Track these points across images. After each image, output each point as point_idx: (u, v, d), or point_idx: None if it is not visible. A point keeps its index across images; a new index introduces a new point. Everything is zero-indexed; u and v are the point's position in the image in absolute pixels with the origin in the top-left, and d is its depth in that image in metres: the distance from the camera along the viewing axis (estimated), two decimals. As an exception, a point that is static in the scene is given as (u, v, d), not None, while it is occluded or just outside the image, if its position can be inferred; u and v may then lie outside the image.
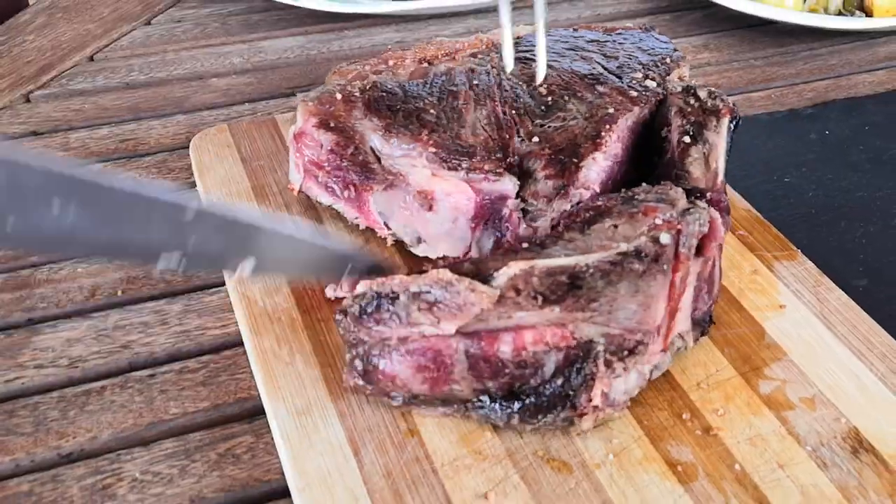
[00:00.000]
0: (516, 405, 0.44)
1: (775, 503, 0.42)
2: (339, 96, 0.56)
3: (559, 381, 0.43)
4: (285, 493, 0.45)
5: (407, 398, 0.46)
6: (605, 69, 0.55)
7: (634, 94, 0.55)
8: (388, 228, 0.55)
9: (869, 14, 0.92)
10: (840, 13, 0.92)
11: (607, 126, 0.53)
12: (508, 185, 0.51)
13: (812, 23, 0.88)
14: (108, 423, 0.50)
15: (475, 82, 0.56)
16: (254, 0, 0.99)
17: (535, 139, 0.52)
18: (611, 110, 0.54)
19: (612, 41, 0.59)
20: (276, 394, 0.47)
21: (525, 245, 0.45)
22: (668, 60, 0.58)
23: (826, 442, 0.45)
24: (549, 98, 0.55)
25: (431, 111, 0.54)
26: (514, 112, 0.54)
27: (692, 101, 0.53)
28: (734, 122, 0.53)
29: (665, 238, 0.43)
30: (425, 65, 0.59)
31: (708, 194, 0.48)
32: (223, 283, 0.58)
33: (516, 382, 0.44)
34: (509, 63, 0.54)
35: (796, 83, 0.84)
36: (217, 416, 0.51)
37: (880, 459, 0.44)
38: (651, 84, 0.55)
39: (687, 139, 0.50)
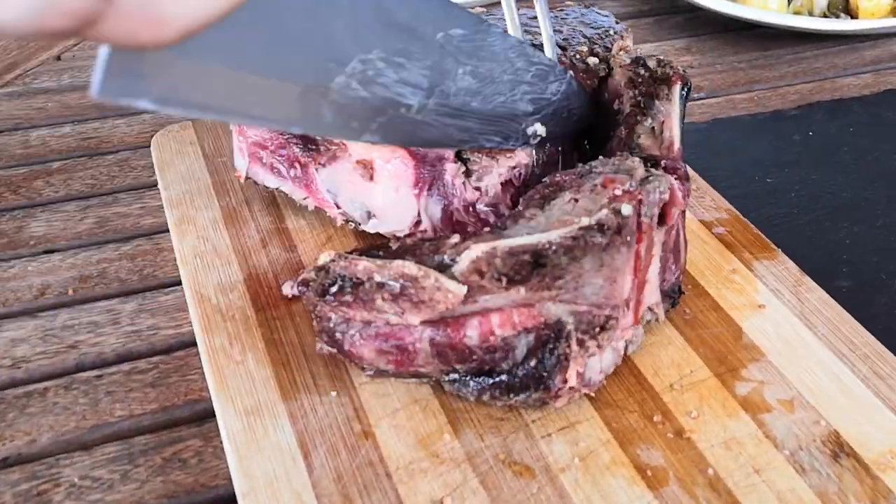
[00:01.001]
0: (489, 381, 0.42)
1: (750, 510, 0.40)
2: None
3: (532, 363, 0.42)
4: (232, 499, 0.42)
5: (378, 370, 0.44)
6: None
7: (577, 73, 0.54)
8: (338, 207, 0.53)
9: (854, 16, 0.90)
10: (825, 15, 0.90)
11: None
12: None
13: (797, 25, 0.86)
14: (48, 426, 0.47)
15: None
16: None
17: None
18: None
19: (554, 17, 0.58)
20: (224, 393, 0.45)
21: (487, 229, 0.43)
22: (611, 32, 0.57)
23: (805, 446, 0.43)
24: None
25: None
26: None
27: (641, 72, 0.51)
28: (685, 89, 0.51)
29: (626, 209, 0.41)
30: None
31: (663, 162, 0.46)
32: (179, 283, 0.55)
33: (486, 367, 0.42)
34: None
35: (780, 86, 0.82)
36: (165, 419, 0.48)
37: (861, 464, 0.42)
38: (593, 60, 0.54)
39: (638, 109, 0.49)
